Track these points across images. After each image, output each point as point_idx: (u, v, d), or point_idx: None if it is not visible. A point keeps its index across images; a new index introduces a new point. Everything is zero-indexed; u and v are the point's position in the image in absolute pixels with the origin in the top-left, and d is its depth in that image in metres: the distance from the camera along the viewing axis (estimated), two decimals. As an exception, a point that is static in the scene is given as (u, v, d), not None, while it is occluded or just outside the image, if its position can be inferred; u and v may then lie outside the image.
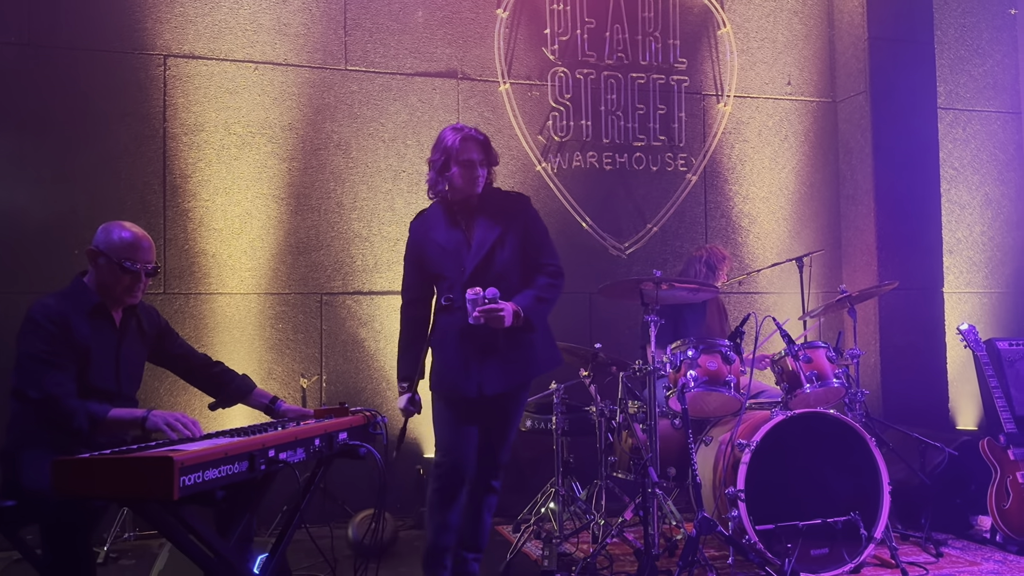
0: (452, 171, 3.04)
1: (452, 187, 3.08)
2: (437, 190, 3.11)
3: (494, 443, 3.20)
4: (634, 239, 5.30)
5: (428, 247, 3.14)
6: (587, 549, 3.79)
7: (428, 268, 3.15)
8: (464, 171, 3.03)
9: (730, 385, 3.75)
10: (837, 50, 5.68)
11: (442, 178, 3.07)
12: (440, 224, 3.13)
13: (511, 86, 5.15)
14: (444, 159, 3.04)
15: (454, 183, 3.06)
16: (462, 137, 3.04)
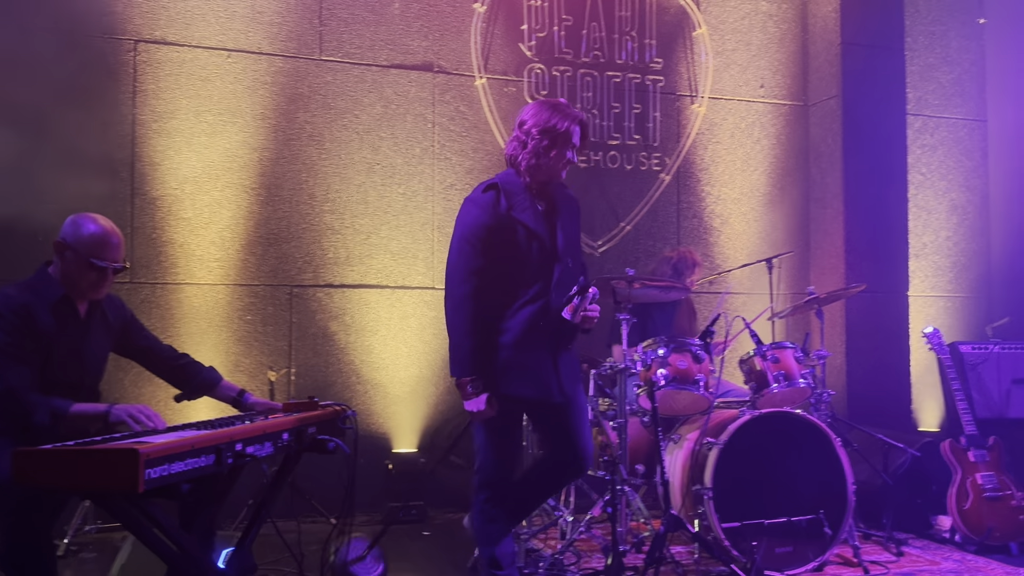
0: (552, 154, 2.77)
1: (541, 169, 2.80)
2: (522, 168, 2.80)
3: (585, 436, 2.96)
4: (607, 237, 5.32)
5: (516, 228, 2.76)
6: (555, 545, 3.80)
7: (509, 251, 2.76)
8: (566, 158, 2.81)
9: (699, 384, 3.77)
10: (810, 54, 5.74)
11: (536, 158, 2.77)
12: (526, 206, 2.79)
13: (487, 81, 5.13)
14: (550, 141, 2.75)
15: (549, 166, 2.80)
16: (580, 122, 2.81)
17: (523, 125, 2.81)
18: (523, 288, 2.78)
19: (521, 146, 2.81)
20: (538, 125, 2.78)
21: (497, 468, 2.89)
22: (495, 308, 2.77)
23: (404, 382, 4.92)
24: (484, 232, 2.75)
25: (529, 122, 2.80)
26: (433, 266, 5.00)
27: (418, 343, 4.96)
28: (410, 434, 4.89)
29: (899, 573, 3.59)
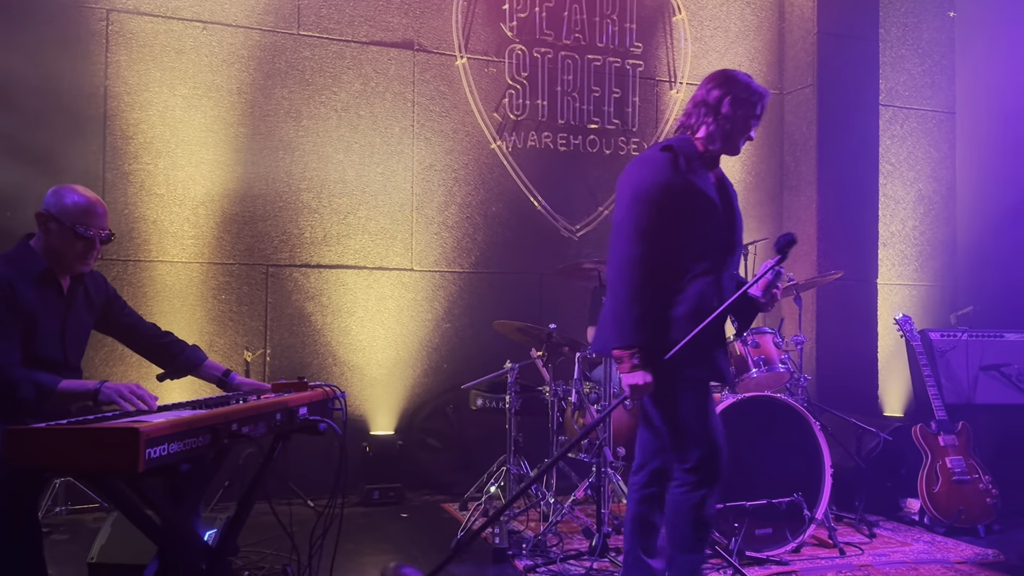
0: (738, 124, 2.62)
1: (723, 139, 2.64)
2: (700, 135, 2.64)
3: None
4: (586, 221, 5.32)
5: (698, 197, 2.58)
6: (536, 527, 3.81)
7: (683, 217, 2.56)
8: (750, 129, 2.66)
9: (682, 368, 3.80)
10: (787, 42, 5.79)
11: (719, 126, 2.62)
12: (705, 176, 2.63)
13: (468, 61, 5.08)
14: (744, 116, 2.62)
15: (732, 142, 2.65)
16: (764, 96, 2.67)
17: (710, 91, 2.65)
18: (694, 260, 2.59)
19: (705, 112, 2.64)
20: (729, 93, 2.62)
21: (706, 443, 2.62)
22: (665, 277, 2.57)
23: (381, 364, 4.88)
24: (659, 192, 2.54)
25: (717, 90, 2.64)
26: (411, 247, 4.96)
27: (396, 325, 4.91)
28: (387, 416, 4.86)
29: (872, 554, 3.67)
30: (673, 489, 2.66)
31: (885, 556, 3.64)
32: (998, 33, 5.89)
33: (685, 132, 2.71)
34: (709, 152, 2.66)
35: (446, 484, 4.72)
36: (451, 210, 5.04)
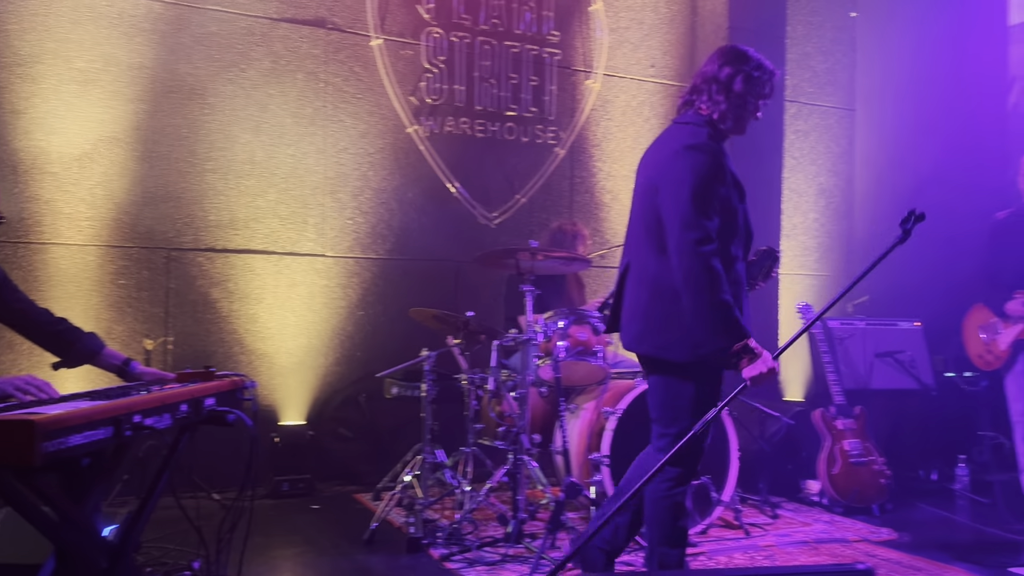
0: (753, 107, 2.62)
1: (735, 123, 2.62)
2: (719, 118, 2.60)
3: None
4: (503, 209, 5.31)
5: (732, 180, 2.57)
6: (452, 515, 3.79)
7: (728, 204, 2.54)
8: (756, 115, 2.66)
9: (598, 355, 3.84)
10: (699, 37, 5.91)
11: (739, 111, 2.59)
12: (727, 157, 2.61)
13: (384, 42, 4.97)
14: (756, 94, 2.60)
15: (742, 122, 2.63)
16: (777, 77, 2.67)
17: (721, 68, 2.60)
18: (732, 247, 2.58)
19: (717, 89, 2.59)
20: (741, 71, 2.58)
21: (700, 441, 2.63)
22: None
23: (291, 352, 4.74)
24: (720, 182, 2.50)
25: (729, 67, 2.59)
26: (324, 232, 4.83)
27: (307, 312, 4.79)
28: (297, 406, 4.73)
29: (776, 534, 3.81)
30: (652, 491, 2.64)
31: (788, 536, 3.78)
32: (896, 34, 6.17)
33: (689, 109, 2.67)
34: (721, 132, 2.63)
35: (359, 474, 4.65)
36: (366, 195, 4.93)
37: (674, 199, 2.49)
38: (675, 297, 2.53)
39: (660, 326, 2.57)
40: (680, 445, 2.29)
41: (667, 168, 2.56)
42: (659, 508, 2.63)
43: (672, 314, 2.55)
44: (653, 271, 2.60)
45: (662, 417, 2.68)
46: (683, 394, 2.61)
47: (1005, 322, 4.02)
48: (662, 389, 2.66)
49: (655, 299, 2.59)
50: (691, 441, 2.49)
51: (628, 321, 2.71)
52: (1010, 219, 4.12)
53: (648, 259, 2.62)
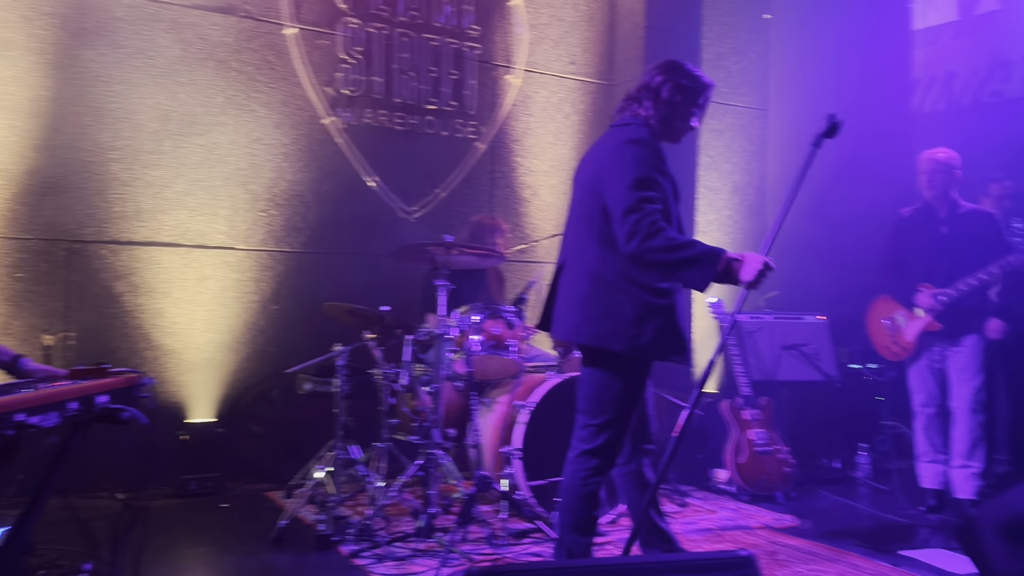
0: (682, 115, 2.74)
1: (662, 128, 2.73)
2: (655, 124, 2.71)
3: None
4: (422, 203, 5.27)
5: (672, 184, 2.71)
6: (364, 512, 3.76)
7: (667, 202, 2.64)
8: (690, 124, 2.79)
9: (511, 349, 3.86)
10: (617, 35, 5.98)
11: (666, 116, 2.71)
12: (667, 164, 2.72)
13: (298, 31, 4.87)
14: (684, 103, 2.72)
15: (669, 127, 2.75)
16: (712, 90, 2.81)
17: (654, 76, 2.73)
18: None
19: (647, 95, 2.71)
20: (671, 80, 2.70)
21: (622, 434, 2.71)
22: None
23: (201, 348, 4.62)
24: (657, 174, 2.60)
25: (661, 75, 2.71)
26: (235, 225, 4.72)
27: (217, 307, 4.67)
28: (207, 403, 4.61)
29: (684, 522, 3.90)
30: (571, 474, 2.70)
31: (694, 524, 3.88)
32: (807, 37, 6.38)
33: (627, 113, 2.76)
34: (656, 135, 2.72)
35: (271, 472, 4.55)
36: (280, 187, 4.84)
37: (618, 189, 2.55)
38: (614, 289, 2.60)
39: (599, 315, 2.61)
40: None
41: (610, 161, 2.63)
42: (574, 496, 2.69)
43: (611, 305, 2.60)
44: (593, 263, 2.64)
45: (589, 408, 2.73)
46: (613, 387, 2.66)
47: (911, 314, 4.19)
48: (593, 381, 2.71)
49: (594, 290, 2.63)
50: (617, 433, 2.67)
51: (565, 313, 2.74)
52: (914, 216, 4.29)
53: (588, 252, 2.66)
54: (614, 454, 2.72)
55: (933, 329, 4.10)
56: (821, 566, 3.29)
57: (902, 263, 4.27)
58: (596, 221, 2.64)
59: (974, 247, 4.02)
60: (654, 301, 2.60)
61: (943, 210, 4.16)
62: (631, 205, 2.50)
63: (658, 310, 2.60)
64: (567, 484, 2.72)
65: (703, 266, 2.47)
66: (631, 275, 2.59)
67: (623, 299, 2.59)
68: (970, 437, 4.04)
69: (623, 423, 2.69)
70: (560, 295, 2.78)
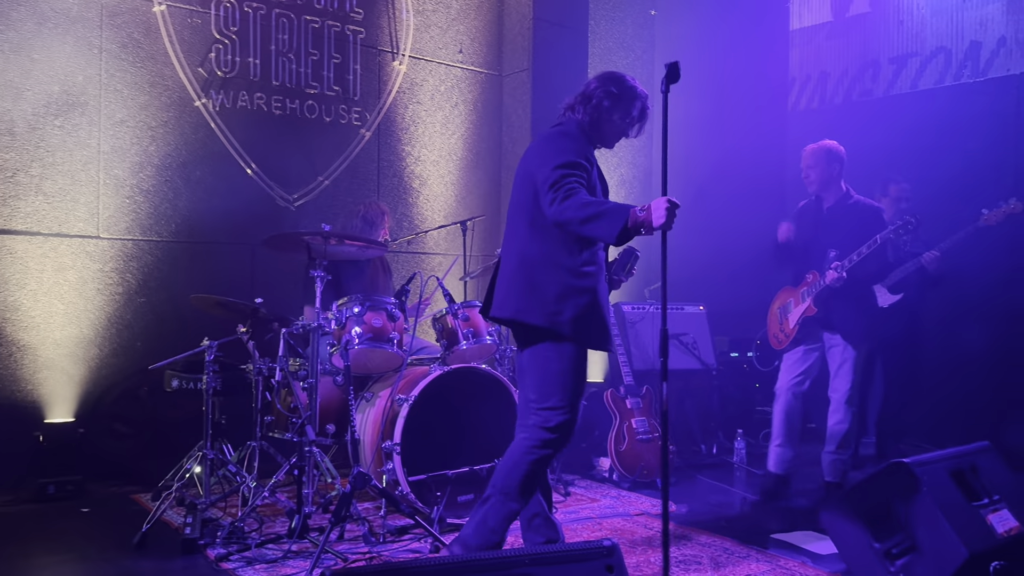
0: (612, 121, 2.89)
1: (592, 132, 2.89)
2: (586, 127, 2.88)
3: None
4: (304, 191, 5.10)
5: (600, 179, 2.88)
6: (237, 513, 3.60)
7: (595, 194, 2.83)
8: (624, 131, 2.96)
9: (393, 342, 3.78)
10: (505, 26, 5.96)
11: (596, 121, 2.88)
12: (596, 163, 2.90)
13: (167, 8, 4.61)
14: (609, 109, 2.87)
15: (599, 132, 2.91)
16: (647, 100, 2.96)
17: (590, 83, 2.92)
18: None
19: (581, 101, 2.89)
20: (604, 87, 2.87)
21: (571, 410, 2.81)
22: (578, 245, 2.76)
23: (60, 343, 4.32)
24: (583, 160, 2.75)
25: (596, 82, 2.90)
26: (97, 212, 4.43)
27: (78, 299, 4.38)
28: (66, 402, 4.32)
29: (566, 511, 3.92)
30: (522, 440, 2.82)
31: (576, 513, 3.91)
32: (691, 33, 6.52)
33: (565, 116, 2.93)
34: (590, 139, 2.90)
35: (137, 473, 4.31)
36: (147, 172, 4.57)
37: (545, 170, 2.71)
38: (538, 267, 2.76)
39: (522, 291, 2.78)
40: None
41: (540, 150, 2.82)
42: (518, 462, 2.80)
43: (534, 282, 2.75)
44: (522, 244, 2.81)
45: (537, 393, 2.82)
46: (551, 366, 2.78)
47: (798, 300, 4.30)
48: (533, 364, 2.83)
49: (520, 268, 2.80)
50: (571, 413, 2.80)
51: (498, 293, 2.90)
52: (805, 207, 4.41)
53: (519, 235, 2.84)
54: (568, 434, 2.83)
55: (810, 314, 4.22)
56: (694, 551, 3.37)
57: (794, 252, 4.34)
58: (526, 207, 2.81)
59: (858, 236, 4.07)
60: (575, 283, 2.74)
61: (830, 199, 4.27)
62: (555, 180, 2.66)
63: (579, 291, 2.75)
64: (511, 452, 2.83)
65: (611, 218, 2.59)
66: (555, 256, 2.75)
67: (546, 277, 2.75)
68: (844, 427, 4.20)
69: (574, 402, 2.80)
70: (497, 281, 2.93)
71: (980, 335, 5.44)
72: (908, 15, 6.02)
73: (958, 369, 5.57)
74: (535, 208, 2.76)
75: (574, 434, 2.93)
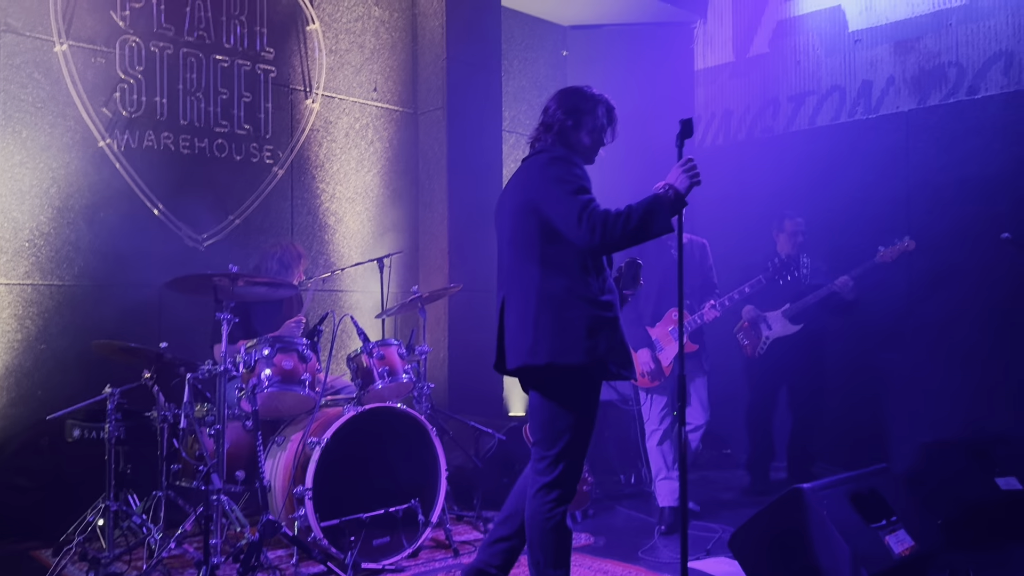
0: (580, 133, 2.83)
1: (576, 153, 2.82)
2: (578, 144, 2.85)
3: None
4: (214, 231, 5.01)
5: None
6: (142, 566, 3.48)
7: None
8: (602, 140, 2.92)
9: (305, 384, 3.74)
10: (420, 64, 6.02)
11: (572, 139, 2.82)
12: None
13: (69, 48, 4.51)
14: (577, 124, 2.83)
15: (583, 148, 2.85)
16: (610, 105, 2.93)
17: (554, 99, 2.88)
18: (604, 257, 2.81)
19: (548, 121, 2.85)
20: (566, 103, 2.84)
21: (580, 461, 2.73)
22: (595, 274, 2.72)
23: (-47, 394, 4.12)
24: (587, 182, 2.72)
25: (554, 102, 2.86)
26: (-5, 257, 4.27)
27: (-26, 347, 4.19)
28: (-39, 456, 4.11)
29: (485, 549, 3.91)
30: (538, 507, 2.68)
31: (494, 551, 3.89)
32: (601, 73, 6.71)
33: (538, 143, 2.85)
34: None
35: (38, 528, 4.11)
36: (47, 214, 4.42)
37: (561, 200, 2.63)
38: (563, 304, 2.64)
39: (553, 332, 2.63)
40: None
41: (541, 182, 2.70)
42: (540, 531, 2.67)
43: (563, 320, 2.63)
44: (538, 284, 2.67)
45: (543, 439, 2.71)
46: (566, 412, 2.67)
47: (668, 337, 4.43)
48: (545, 409, 2.70)
49: (543, 308, 2.65)
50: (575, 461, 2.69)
51: (517, 340, 2.71)
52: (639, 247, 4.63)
53: (530, 275, 2.69)
54: (574, 482, 2.72)
55: (691, 350, 4.41)
56: (610, 583, 3.41)
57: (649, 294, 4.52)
58: (534, 244, 2.69)
59: (695, 272, 4.52)
60: (601, 314, 2.67)
61: (670, 239, 4.46)
62: (581, 208, 2.59)
63: (606, 322, 2.68)
64: (530, 521, 2.70)
65: (654, 210, 2.62)
66: (577, 290, 2.66)
67: (573, 313, 2.64)
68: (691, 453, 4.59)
69: (580, 450, 2.70)
70: (508, 327, 2.76)
71: (883, 360, 5.71)
72: (804, 55, 6.35)
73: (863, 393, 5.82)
74: (545, 245, 2.66)
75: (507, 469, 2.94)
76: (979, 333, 5.30)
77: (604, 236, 2.57)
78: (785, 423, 5.40)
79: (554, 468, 2.67)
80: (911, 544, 3.29)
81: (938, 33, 5.64)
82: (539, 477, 2.70)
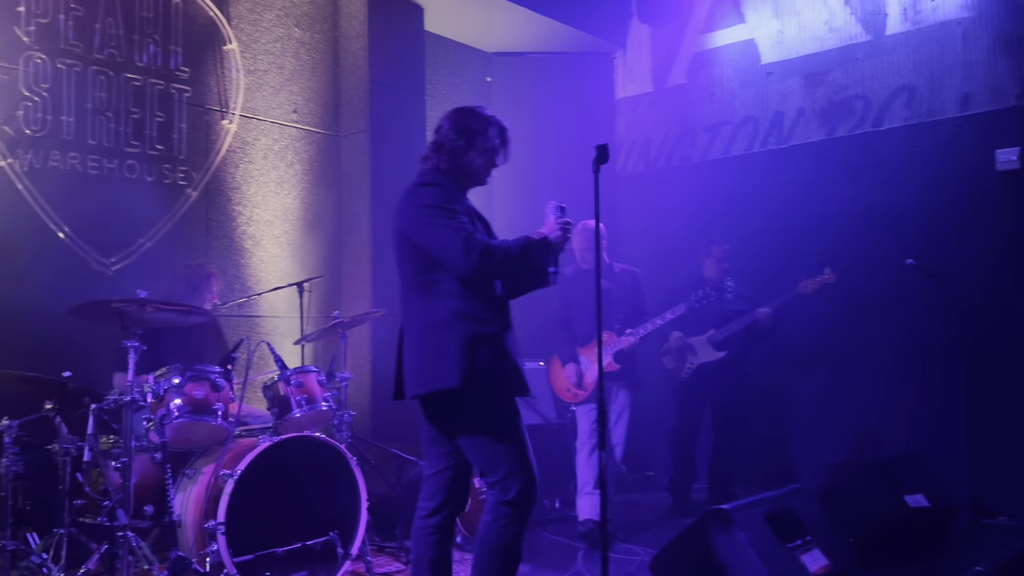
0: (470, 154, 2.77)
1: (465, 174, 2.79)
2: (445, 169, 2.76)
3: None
4: (123, 254, 4.81)
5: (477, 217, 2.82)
6: (39, 611, 3.27)
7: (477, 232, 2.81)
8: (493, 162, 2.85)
9: (217, 414, 3.61)
10: (342, 87, 5.96)
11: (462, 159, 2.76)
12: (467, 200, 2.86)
13: (-32, 63, 4.30)
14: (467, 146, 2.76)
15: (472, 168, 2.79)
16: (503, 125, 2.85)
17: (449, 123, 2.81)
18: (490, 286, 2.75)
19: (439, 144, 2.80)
20: (458, 124, 2.78)
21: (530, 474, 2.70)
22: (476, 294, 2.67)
23: None
24: (456, 205, 2.67)
25: (447, 122, 2.80)
26: None
27: None
28: None
29: (407, 580, 3.84)
30: (488, 525, 2.66)
31: (416, 582, 3.81)
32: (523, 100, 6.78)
33: (428, 163, 2.81)
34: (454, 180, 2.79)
35: None
36: (-60, 237, 4.18)
37: (429, 225, 2.63)
38: (442, 327, 2.63)
39: (433, 359, 2.63)
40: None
41: (406, 208, 2.72)
42: (488, 549, 2.65)
43: (440, 344, 2.62)
44: (421, 312, 2.69)
45: (485, 467, 2.70)
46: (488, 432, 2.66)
47: (593, 359, 4.52)
48: (469, 439, 2.69)
49: (425, 337, 2.66)
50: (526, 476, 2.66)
51: (408, 370, 2.74)
52: (575, 274, 4.83)
53: (414, 305, 2.72)
54: (530, 499, 2.69)
55: (611, 370, 4.60)
56: (533, 611, 3.37)
57: (570, 317, 4.78)
58: (413, 273, 2.72)
59: (627, 298, 4.80)
60: (480, 330, 2.64)
61: (606, 269, 4.66)
62: (452, 231, 2.59)
63: (485, 338, 2.65)
64: (481, 539, 2.65)
65: (535, 248, 2.62)
66: (458, 310, 2.64)
67: (450, 334, 2.62)
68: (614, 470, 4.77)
69: (524, 459, 2.67)
70: (404, 357, 2.79)
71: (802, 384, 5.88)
72: (720, 86, 6.55)
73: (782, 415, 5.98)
74: (422, 272, 2.68)
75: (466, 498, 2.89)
76: (892, 356, 5.52)
77: (482, 263, 2.58)
78: (708, 445, 5.49)
79: (509, 490, 2.66)
80: (825, 563, 3.37)
81: (845, 67, 5.91)
82: (495, 499, 2.70)
